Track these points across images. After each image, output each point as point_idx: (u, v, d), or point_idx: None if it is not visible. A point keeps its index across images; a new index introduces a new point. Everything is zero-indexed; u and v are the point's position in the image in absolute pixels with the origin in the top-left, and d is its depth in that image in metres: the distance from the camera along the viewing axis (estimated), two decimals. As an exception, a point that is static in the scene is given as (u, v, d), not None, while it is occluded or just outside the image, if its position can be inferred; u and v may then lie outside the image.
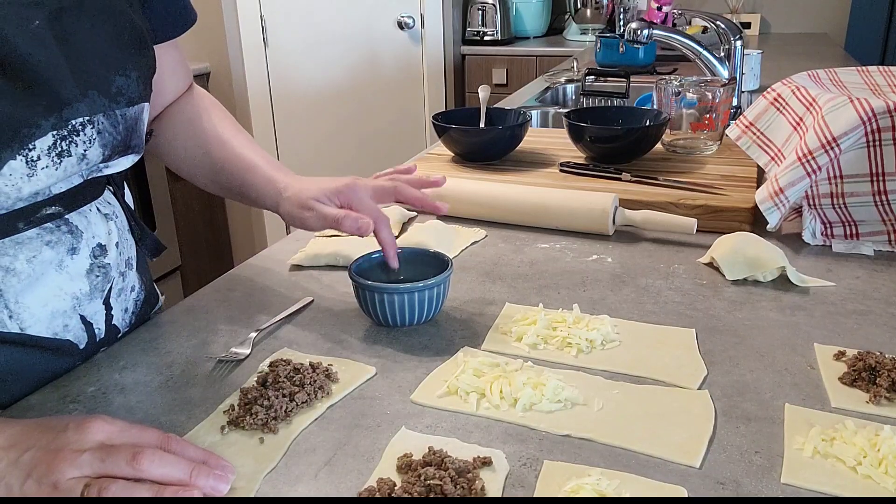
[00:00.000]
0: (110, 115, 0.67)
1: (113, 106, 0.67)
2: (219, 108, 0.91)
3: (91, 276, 0.71)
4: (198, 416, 0.63)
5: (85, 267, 0.71)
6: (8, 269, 0.64)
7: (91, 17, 0.65)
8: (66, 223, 0.69)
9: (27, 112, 0.60)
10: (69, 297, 0.70)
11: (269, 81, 3.16)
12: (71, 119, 0.63)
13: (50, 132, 0.62)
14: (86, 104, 0.64)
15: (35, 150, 0.61)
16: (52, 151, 0.63)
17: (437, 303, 0.75)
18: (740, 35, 1.58)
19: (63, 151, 0.64)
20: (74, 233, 0.69)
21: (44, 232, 0.67)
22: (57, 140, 0.63)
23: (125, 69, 0.69)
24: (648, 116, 1.25)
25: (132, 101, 0.70)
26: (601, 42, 2.41)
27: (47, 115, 0.61)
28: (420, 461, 0.55)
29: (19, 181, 0.61)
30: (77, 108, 0.64)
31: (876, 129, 0.87)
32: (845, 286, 0.83)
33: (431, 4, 3.23)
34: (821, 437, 0.56)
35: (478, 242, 0.99)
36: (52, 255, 0.67)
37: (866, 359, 0.65)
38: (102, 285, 0.73)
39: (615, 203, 0.98)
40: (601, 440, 0.58)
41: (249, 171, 0.84)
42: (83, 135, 0.65)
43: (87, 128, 0.65)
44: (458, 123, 1.26)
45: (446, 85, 3.36)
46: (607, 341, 0.72)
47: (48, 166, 0.63)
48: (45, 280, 0.67)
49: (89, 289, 0.71)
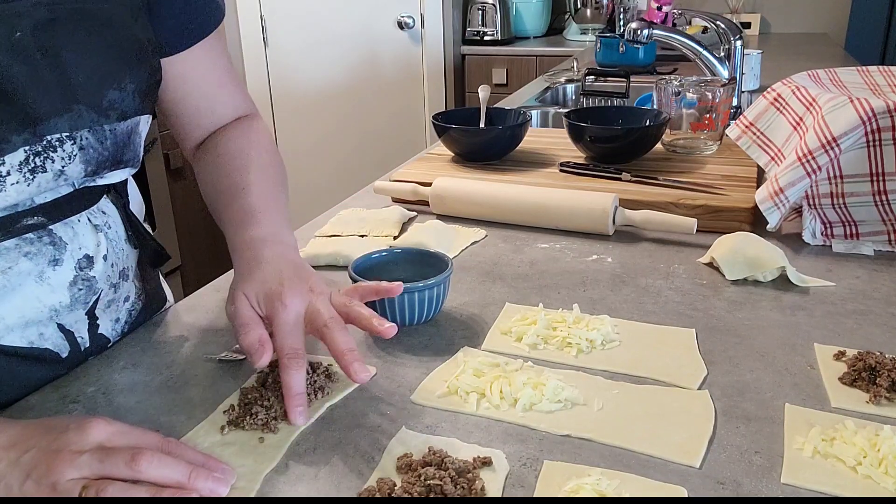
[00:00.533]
0: (97, 130, 0.65)
1: (102, 121, 0.65)
2: (257, 149, 0.81)
3: (73, 289, 0.69)
4: (198, 416, 0.63)
5: (68, 279, 0.69)
6: None
7: (85, 29, 0.63)
8: (48, 234, 0.67)
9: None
10: (46, 308, 0.67)
11: (269, 81, 3.16)
12: (46, 135, 0.61)
13: (21, 147, 0.60)
14: (67, 119, 0.62)
15: (5, 166, 0.60)
16: (25, 167, 0.61)
17: (437, 303, 0.75)
18: (740, 35, 1.59)
19: (37, 167, 0.61)
20: (57, 244, 0.67)
21: (23, 243, 0.65)
22: (29, 156, 0.61)
23: (120, 82, 0.67)
24: (648, 116, 1.25)
25: (125, 116, 0.68)
26: (601, 42, 2.41)
27: (20, 129, 0.59)
28: (420, 461, 0.55)
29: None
30: (54, 124, 0.61)
31: (876, 129, 0.87)
32: (845, 286, 0.83)
33: (431, 4, 3.23)
34: (821, 437, 0.56)
35: (478, 242, 0.99)
36: (31, 267, 0.65)
37: (866, 359, 0.65)
38: (86, 297, 0.71)
39: (615, 203, 0.98)
40: (601, 440, 0.58)
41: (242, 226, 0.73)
42: (61, 151, 0.63)
43: (67, 143, 0.63)
44: (458, 123, 1.26)
45: (446, 85, 3.36)
46: (607, 341, 0.72)
47: (18, 182, 0.61)
48: (22, 291, 0.65)
49: (70, 301, 0.69)
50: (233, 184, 0.76)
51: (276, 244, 0.69)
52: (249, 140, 0.82)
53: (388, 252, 0.81)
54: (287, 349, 0.61)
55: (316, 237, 1.01)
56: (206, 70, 0.81)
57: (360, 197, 1.20)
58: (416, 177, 1.15)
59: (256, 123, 0.86)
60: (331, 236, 1.00)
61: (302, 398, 0.59)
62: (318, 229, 1.04)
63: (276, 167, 0.81)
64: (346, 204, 1.15)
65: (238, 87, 0.87)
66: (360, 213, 1.08)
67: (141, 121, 0.71)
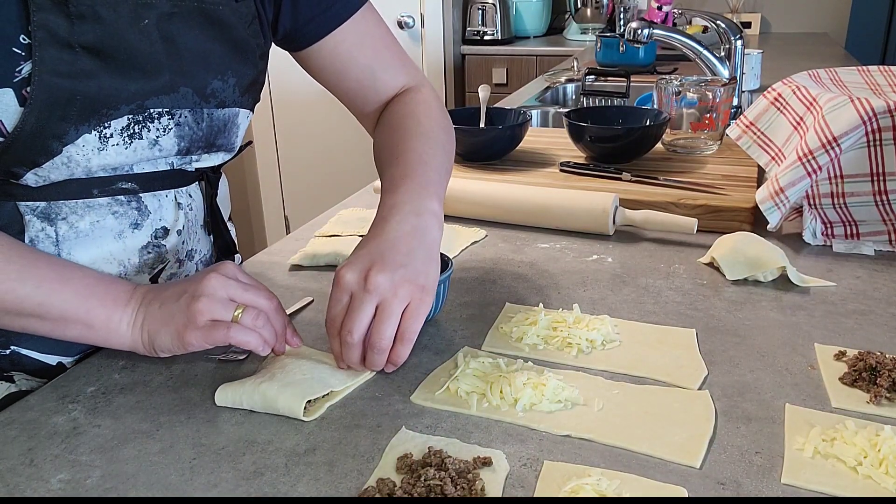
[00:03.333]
0: (196, 111, 0.72)
1: (202, 104, 0.72)
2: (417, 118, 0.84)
3: (144, 252, 0.76)
4: (198, 415, 0.63)
5: (142, 243, 0.76)
6: (73, 225, 0.71)
7: (199, 24, 0.70)
8: (136, 200, 0.74)
9: (112, 95, 0.66)
10: (116, 264, 0.74)
11: (269, 81, 3.16)
12: (151, 107, 0.69)
13: (126, 115, 0.68)
14: (172, 97, 0.70)
15: (109, 129, 0.67)
16: (125, 132, 0.68)
17: (437, 303, 0.75)
18: (741, 35, 1.58)
19: (134, 134, 0.69)
20: (142, 211, 0.75)
21: (114, 203, 0.73)
22: (131, 123, 0.68)
23: (223, 75, 0.73)
24: (648, 116, 1.25)
25: (223, 104, 0.75)
26: (601, 42, 2.41)
27: (129, 101, 0.67)
28: (420, 461, 0.55)
29: (90, 153, 0.67)
30: (160, 99, 0.69)
31: (876, 129, 0.87)
32: (846, 286, 0.83)
33: (431, 4, 3.23)
34: (821, 438, 0.56)
35: (478, 242, 0.99)
36: (114, 224, 0.73)
37: (867, 359, 0.65)
38: (153, 264, 0.78)
39: (615, 203, 0.98)
40: (601, 440, 0.58)
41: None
42: (158, 122, 0.70)
43: (164, 117, 0.70)
44: (458, 123, 1.26)
45: (446, 85, 3.36)
46: (607, 341, 0.72)
47: (118, 144, 0.69)
48: (101, 243, 0.73)
49: (139, 262, 0.76)
50: (388, 155, 0.80)
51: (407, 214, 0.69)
52: (409, 110, 0.85)
53: (388, 252, 0.81)
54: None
55: (316, 237, 1.01)
56: (356, 46, 0.85)
57: (360, 197, 1.20)
58: (416, 177, 1.15)
59: (421, 94, 0.89)
60: (331, 236, 1.00)
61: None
62: (318, 229, 1.04)
63: (434, 133, 0.82)
64: (346, 204, 1.15)
65: (398, 59, 0.89)
66: (360, 213, 1.08)
67: (240, 113, 0.78)
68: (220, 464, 0.57)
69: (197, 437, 0.60)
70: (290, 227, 3.34)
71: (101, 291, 0.66)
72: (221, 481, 0.55)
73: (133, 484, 0.55)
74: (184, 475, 0.56)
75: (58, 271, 0.65)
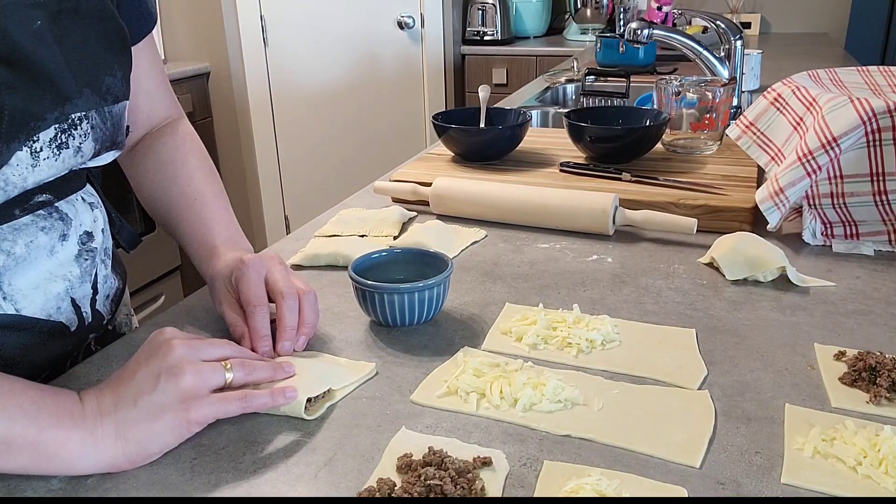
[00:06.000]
0: (101, 111, 0.70)
1: (102, 103, 0.70)
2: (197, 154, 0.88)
3: (80, 260, 0.74)
4: (198, 416, 0.63)
5: (74, 252, 0.73)
6: (9, 253, 0.67)
7: (84, 19, 0.68)
8: (56, 210, 0.72)
9: (35, 106, 0.63)
10: (61, 279, 0.72)
11: (269, 81, 3.16)
12: (71, 113, 0.67)
13: (53, 125, 0.65)
14: (82, 100, 0.67)
15: (38, 142, 0.65)
16: (53, 143, 0.66)
17: (437, 303, 0.75)
18: (740, 35, 1.58)
19: (62, 144, 0.67)
20: (65, 220, 0.72)
21: (38, 219, 0.70)
22: (58, 133, 0.66)
23: (112, 69, 0.71)
24: (648, 116, 1.25)
25: (118, 99, 0.73)
26: (601, 42, 2.41)
27: (52, 109, 0.65)
28: (420, 461, 0.55)
29: (25, 171, 0.64)
30: (76, 104, 0.67)
31: (876, 129, 0.87)
32: (845, 286, 0.83)
33: (431, 4, 3.23)
34: (821, 437, 0.56)
35: (478, 242, 0.99)
36: (46, 241, 0.70)
37: (866, 359, 0.65)
38: (90, 269, 0.76)
39: (615, 203, 0.98)
40: (601, 440, 0.58)
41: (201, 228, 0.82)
42: (80, 129, 0.68)
43: (84, 123, 0.68)
44: (458, 123, 1.26)
45: (446, 85, 3.36)
46: (607, 341, 0.72)
47: (49, 157, 0.66)
48: (37, 264, 0.70)
49: (80, 272, 0.74)
50: (181, 192, 0.84)
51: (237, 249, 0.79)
52: (187, 146, 0.88)
53: (387, 252, 0.81)
54: (252, 298, 0.70)
55: (316, 237, 1.01)
56: (147, 67, 0.85)
57: (360, 197, 1.20)
58: (415, 177, 1.15)
59: (188, 127, 0.91)
60: (331, 236, 1.00)
61: (267, 340, 0.69)
62: (318, 229, 1.04)
63: (214, 172, 0.89)
64: (347, 204, 1.15)
65: (170, 90, 0.92)
66: (360, 213, 1.08)
67: (126, 105, 0.76)
68: (220, 464, 0.57)
69: (197, 437, 0.60)
70: (290, 227, 3.34)
71: (49, 405, 0.55)
72: (221, 481, 0.55)
73: (133, 484, 0.55)
74: (184, 475, 0.56)
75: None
